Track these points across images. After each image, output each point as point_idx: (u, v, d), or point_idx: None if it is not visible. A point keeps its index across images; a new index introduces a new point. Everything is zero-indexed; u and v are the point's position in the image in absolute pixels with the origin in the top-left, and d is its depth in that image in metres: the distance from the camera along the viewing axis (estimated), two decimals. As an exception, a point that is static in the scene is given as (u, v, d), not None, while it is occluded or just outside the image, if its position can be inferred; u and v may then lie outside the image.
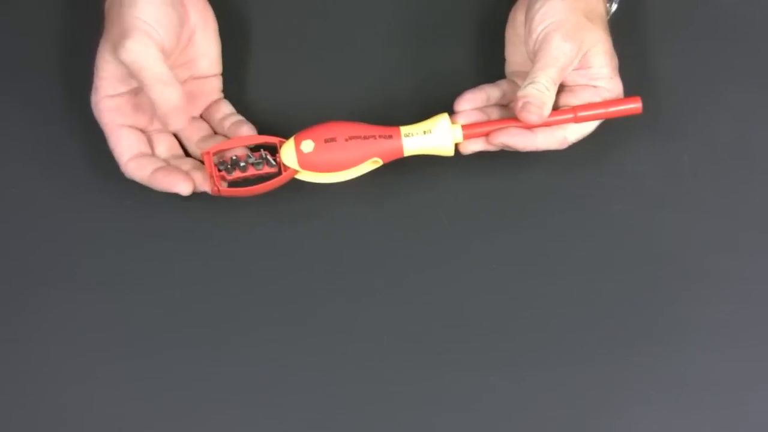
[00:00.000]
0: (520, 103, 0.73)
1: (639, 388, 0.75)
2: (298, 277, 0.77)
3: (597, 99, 0.75)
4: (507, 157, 0.78)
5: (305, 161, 0.72)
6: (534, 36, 0.74)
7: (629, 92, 0.76)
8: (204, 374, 0.75)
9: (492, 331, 0.76)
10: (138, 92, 0.75)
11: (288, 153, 0.73)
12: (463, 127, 0.74)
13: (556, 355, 0.75)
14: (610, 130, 0.79)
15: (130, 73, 0.72)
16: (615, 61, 0.75)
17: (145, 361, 0.75)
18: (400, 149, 0.73)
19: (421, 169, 0.79)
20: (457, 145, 0.75)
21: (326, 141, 0.72)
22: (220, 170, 0.73)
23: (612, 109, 0.74)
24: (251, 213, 0.78)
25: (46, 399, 0.75)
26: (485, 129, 0.74)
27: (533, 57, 0.74)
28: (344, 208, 0.78)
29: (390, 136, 0.73)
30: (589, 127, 0.75)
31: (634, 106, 0.75)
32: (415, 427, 0.74)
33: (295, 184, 0.75)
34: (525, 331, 0.76)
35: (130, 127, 0.75)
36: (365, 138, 0.73)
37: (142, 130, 0.76)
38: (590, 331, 0.76)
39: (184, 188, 0.73)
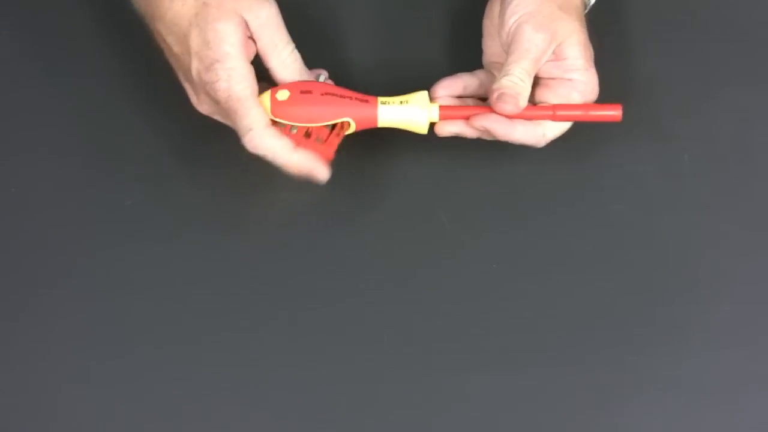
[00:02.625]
0: (495, 95, 0.73)
1: (638, 388, 0.74)
2: (296, 276, 0.77)
3: (572, 92, 0.74)
4: (507, 157, 0.78)
5: (278, 110, 0.72)
6: (506, 28, 0.74)
7: (622, 91, 0.76)
8: (200, 373, 0.75)
9: (490, 331, 0.76)
10: None
11: (262, 101, 0.72)
12: (441, 107, 0.74)
13: (556, 354, 0.75)
14: (610, 129, 0.79)
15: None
16: (590, 52, 0.75)
17: (143, 359, 0.75)
18: (375, 115, 0.73)
19: (422, 168, 0.79)
20: (433, 126, 0.75)
21: (302, 92, 0.73)
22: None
23: (591, 112, 0.74)
24: (250, 213, 0.78)
25: (44, 397, 0.75)
26: (463, 113, 0.74)
27: (507, 49, 0.74)
28: (343, 207, 0.78)
29: (366, 101, 0.73)
30: (567, 124, 0.75)
31: (614, 113, 0.74)
32: (416, 426, 0.74)
33: (291, 186, 0.75)
34: (524, 330, 0.76)
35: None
36: (341, 97, 0.73)
37: None
38: (589, 330, 0.76)
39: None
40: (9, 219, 0.79)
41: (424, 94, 0.74)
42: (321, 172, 0.72)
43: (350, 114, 0.73)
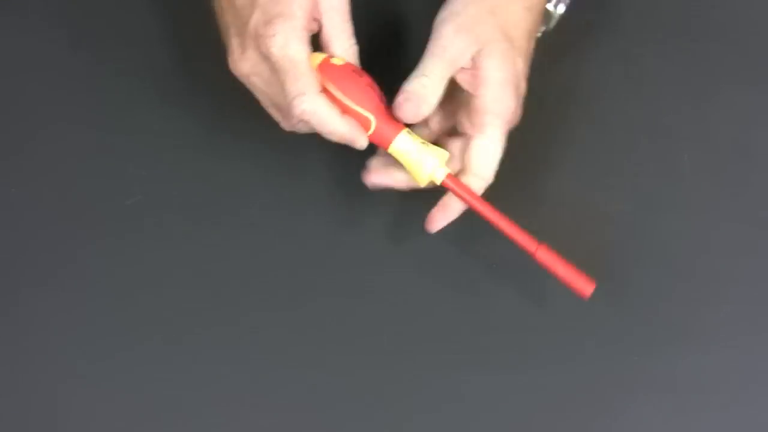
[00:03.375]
0: (400, 98, 0.69)
1: (638, 388, 0.75)
2: (295, 276, 0.77)
3: (475, 114, 0.69)
4: (506, 157, 0.78)
5: (325, 67, 0.70)
6: (432, 31, 0.70)
7: (623, 90, 0.75)
8: (198, 373, 0.75)
9: (490, 330, 0.76)
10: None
11: (314, 59, 0.71)
12: (449, 176, 0.71)
13: (555, 354, 0.75)
14: (610, 130, 0.79)
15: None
16: (513, 70, 0.69)
17: (142, 358, 0.75)
18: (393, 135, 0.70)
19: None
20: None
21: (353, 71, 0.71)
22: None
23: (568, 274, 0.71)
24: (250, 212, 0.78)
25: (43, 395, 0.75)
26: (465, 195, 0.71)
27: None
28: (343, 207, 0.78)
29: (395, 120, 0.70)
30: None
31: (585, 287, 0.71)
32: (416, 425, 0.74)
33: (292, 186, 0.75)
34: (523, 329, 0.76)
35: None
36: (379, 99, 0.70)
37: None
38: (589, 330, 0.76)
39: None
40: (9, 219, 0.79)
41: (445, 153, 0.71)
42: (362, 140, 0.70)
43: (376, 115, 0.70)
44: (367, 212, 0.79)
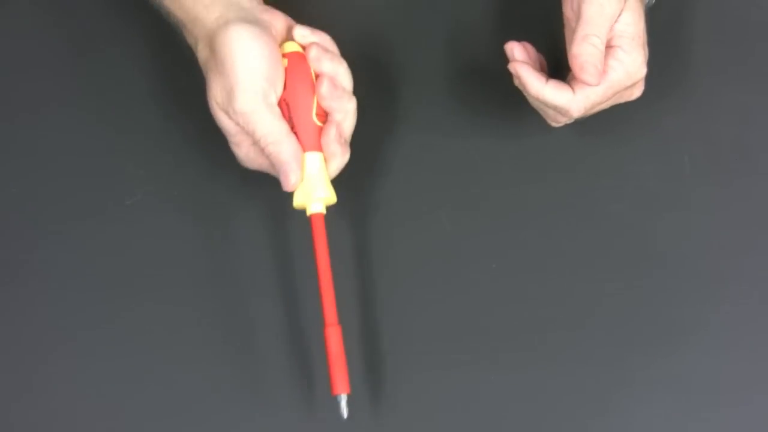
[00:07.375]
0: (578, 62, 0.70)
1: (638, 388, 0.75)
2: (295, 275, 0.77)
3: (615, 65, 0.71)
4: (507, 157, 0.79)
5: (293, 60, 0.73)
6: None
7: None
8: (199, 373, 0.75)
9: (490, 330, 0.76)
10: None
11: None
12: (318, 216, 0.73)
13: (555, 354, 0.75)
14: (611, 130, 0.79)
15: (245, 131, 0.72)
16: (643, 28, 0.72)
17: (141, 360, 0.75)
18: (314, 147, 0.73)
19: (422, 168, 0.79)
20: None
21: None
22: None
23: (334, 362, 0.70)
24: (250, 212, 0.78)
25: (41, 397, 0.75)
26: (317, 244, 0.73)
27: (576, 15, 0.71)
28: (342, 207, 0.78)
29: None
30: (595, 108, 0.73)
31: (339, 385, 0.70)
32: (415, 425, 0.74)
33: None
34: (523, 330, 0.76)
35: None
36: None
37: None
38: (589, 331, 0.76)
39: None
40: (9, 219, 0.79)
41: (333, 198, 0.74)
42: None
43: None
44: (366, 212, 0.79)
